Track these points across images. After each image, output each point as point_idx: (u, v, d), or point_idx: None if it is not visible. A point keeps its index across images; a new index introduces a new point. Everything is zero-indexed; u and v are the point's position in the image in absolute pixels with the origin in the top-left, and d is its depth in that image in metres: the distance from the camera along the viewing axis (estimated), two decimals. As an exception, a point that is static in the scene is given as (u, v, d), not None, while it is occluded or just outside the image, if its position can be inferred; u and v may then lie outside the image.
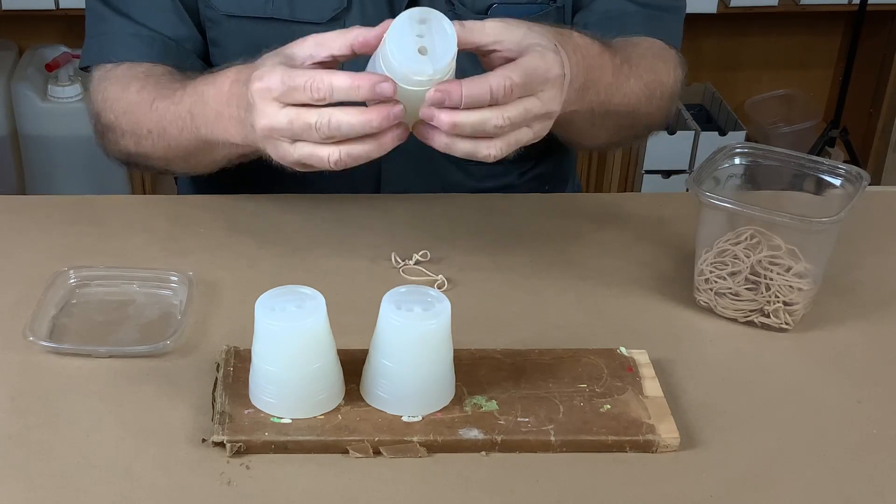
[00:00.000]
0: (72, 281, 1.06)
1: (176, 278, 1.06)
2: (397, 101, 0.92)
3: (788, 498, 0.87)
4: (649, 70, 1.19)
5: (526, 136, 0.97)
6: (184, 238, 1.16)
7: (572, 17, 1.29)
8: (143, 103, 1.16)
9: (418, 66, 0.92)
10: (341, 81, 0.92)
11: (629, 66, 1.15)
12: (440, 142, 0.95)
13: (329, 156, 0.94)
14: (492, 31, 0.97)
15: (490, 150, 0.95)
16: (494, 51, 0.97)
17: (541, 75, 0.95)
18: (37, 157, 2.53)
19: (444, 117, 0.93)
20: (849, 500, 0.87)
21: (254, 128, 0.97)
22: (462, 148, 0.95)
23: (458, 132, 0.94)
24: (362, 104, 0.94)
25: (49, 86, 2.48)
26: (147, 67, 1.20)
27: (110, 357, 0.98)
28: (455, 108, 0.92)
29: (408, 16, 0.92)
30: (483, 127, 0.94)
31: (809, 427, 0.94)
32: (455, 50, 0.92)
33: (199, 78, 1.12)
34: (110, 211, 1.21)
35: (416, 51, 0.92)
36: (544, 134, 0.98)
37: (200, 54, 1.26)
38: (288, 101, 0.94)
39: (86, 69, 1.27)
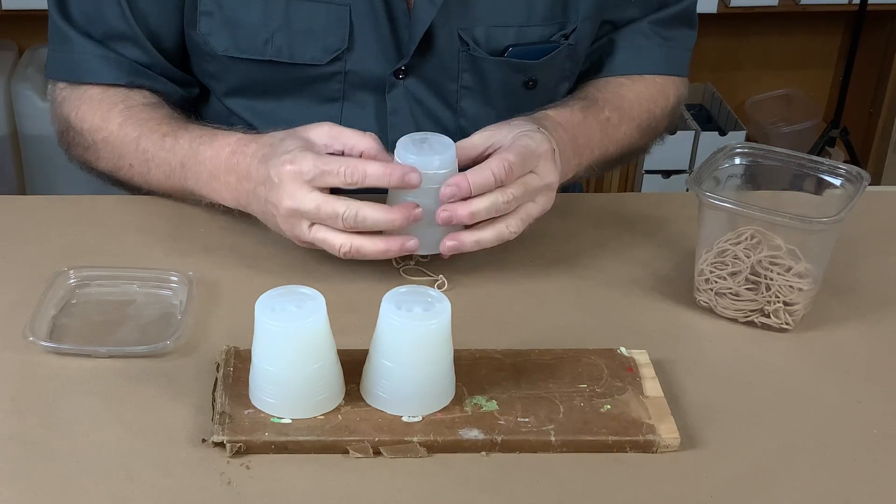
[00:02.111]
0: (72, 281, 1.06)
1: (176, 278, 1.06)
2: (417, 206, 1.02)
3: (788, 498, 0.87)
4: (643, 110, 1.28)
5: (534, 209, 1.07)
6: (184, 238, 1.16)
7: (590, 48, 1.31)
8: (127, 139, 1.17)
9: (425, 159, 1.02)
10: (375, 169, 1.01)
11: (619, 114, 1.24)
12: (469, 241, 1.04)
13: (341, 245, 1.02)
14: (480, 141, 1.07)
15: (510, 228, 1.05)
16: (490, 153, 1.07)
17: (533, 152, 1.05)
18: (37, 157, 2.52)
19: (461, 210, 1.02)
20: (849, 500, 0.87)
21: (276, 206, 1.03)
22: (488, 237, 1.05)
23: (476, 220, 1.03)
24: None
25: (49, 86, 2.47)
26: (124, 95, 1.20)
27: (110, 357, 0.98)
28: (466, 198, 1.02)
29: (408, 137, 1.05)
30: (495, 208, 1.03)
31: (809, 427, 0.94)
32: (454, 150, 1.04)
33: (193, 129, 1.15)
34: (110, 211, 1.21)
35: (420, 150, 1.03)
36: (550, 205, 1.08)
37: (174, 79, 1.25)
38: (319, 185, 1.01)
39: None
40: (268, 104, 1.24)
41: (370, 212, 1.01)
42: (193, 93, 1.29)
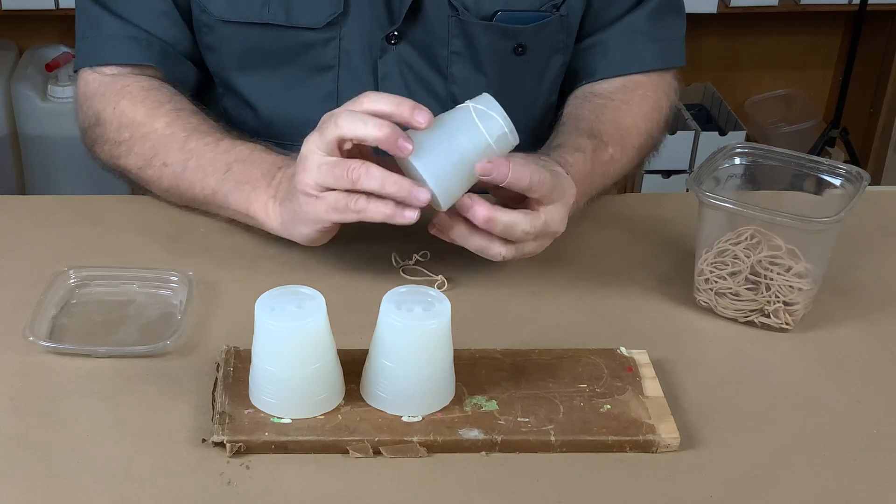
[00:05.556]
0: (72, 281, 1.06)
1: (176, 278, 1.06)
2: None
3: (788, 498, 0.87)
4: (641, 133, 1.26)
5: (527, 248, 1.04)
6: (184, 238, 1.16)
7: (580, 35, 1.30)
8: (174, 138, 1.15)
9: (502, 120, 0.99)
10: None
11: (621, 147, 1.22)
12: (458, 232, 1.02)
13: (356, 202, 0.98)
14: (536, 184, 1.00)
15: (501, 251, 1.02)
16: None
17: (565, 189, 1.03)
18: (37, 157, 2.53)
19: (482, 210, 0.99)
20: (849, 501, 0.87)
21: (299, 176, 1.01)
22: (477, 244, 1.02)
23: (490, 228, 1.00)
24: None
25: (49, 86, 2.48)
26: (169, 97, 1.20)
27: (110, 357, 0.98)
28: (498, 185, 0.99)
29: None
30: (513, 229, 1.01)
31: (809, 427, 0.94)
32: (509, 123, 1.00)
33: (252, 141, 1.15)
34: (110, 211, 1.21)
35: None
36: (540, 251, 1.06)
37: (193, 59, 1.26)
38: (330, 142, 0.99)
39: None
40: (264, 74, 1.24)
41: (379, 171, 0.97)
42: (204, 74, 1.29)
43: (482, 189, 1.02)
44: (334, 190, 0.99)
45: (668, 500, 0.86)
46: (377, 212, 0.98)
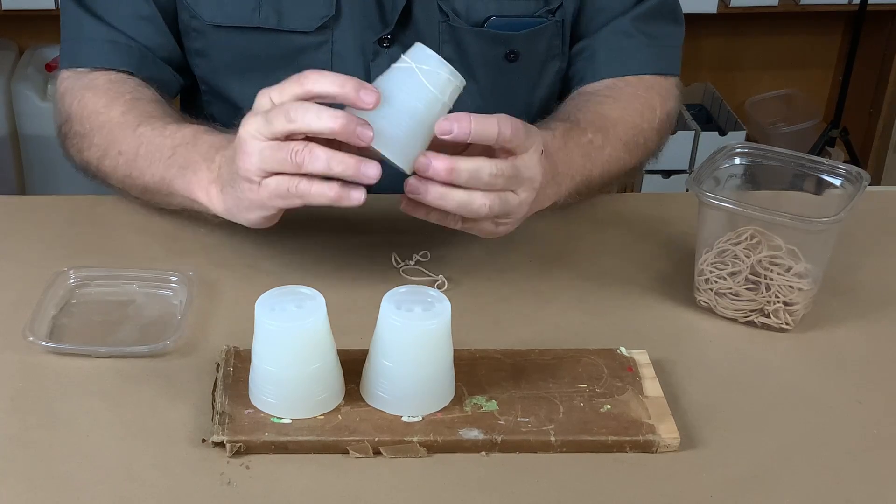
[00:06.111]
0: (72, 281, 1.06)
1: (176, 278, 1.06)
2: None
3: (788, 498, 0.87)
4: (629, 126, 1.21)
5: (514, 200, 0.98)
6: (184, 238, 1.16)
7: (571, 42, 1.29)
8: (126, 125, 1.14)
9: (441, 67, 0.94)
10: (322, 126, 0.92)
11: (604, 134, 1.17)
12: (434, 193, 0.95)
13: (298, 184, 0.94)
14: (505, 131, 0.96)
15: (484, 201, 0.96)
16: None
17: (532, 136, 0.98)
18: (37, 157, 2.53)
19: (440, 163, 0.94)
20: (849, 500, 0.87)
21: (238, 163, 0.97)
22: (456, 198, 0.95)
23: (453, 179, 0.94)
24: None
25: (49, 86, 2.48)
26: (133, 87, 1.19)
27: (110, 357, 0.98)
28: (462, 142, 0.95)
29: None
30: (479, 174, 0.95)
31: (809, 427, 0.94)
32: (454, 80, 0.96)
33: (201, 123, 1.12)
34: (110, 211, 1.21)
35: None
36: (527, 206, 1.00)
37: (176, 65, 1.25)
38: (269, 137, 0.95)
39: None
40: (257, 79, 1.23)
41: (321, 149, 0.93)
42: (189, 80, 1.28)
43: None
44: (277, 174, 0.95)
45: (668, 500, 0.86)
46: (322, 196, 0.94)
